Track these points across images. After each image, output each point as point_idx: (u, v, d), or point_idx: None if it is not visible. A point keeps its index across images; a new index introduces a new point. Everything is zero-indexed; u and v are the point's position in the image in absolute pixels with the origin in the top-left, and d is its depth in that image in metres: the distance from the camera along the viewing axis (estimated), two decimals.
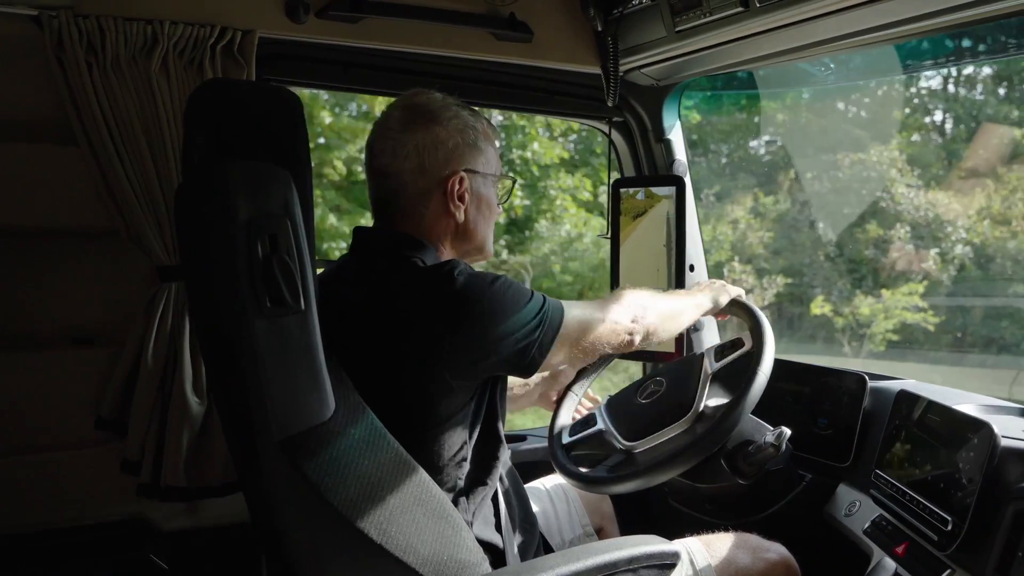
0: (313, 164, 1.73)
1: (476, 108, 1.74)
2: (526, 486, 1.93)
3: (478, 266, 1.64)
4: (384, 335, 1.48)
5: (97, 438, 1.99)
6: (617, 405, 1.99)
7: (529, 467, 2.21)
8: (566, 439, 1.97)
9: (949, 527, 1.53)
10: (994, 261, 7.24)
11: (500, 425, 1.65)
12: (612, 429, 1.89)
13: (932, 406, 1.74)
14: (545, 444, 2.03)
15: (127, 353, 1.96)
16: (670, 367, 2.04)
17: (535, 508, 1.88)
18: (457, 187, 1.62)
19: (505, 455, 1.67)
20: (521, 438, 2.56)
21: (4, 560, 1.89)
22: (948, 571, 1.55)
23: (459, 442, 1.54)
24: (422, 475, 1.45)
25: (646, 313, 1.71)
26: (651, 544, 1.56)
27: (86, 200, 1.92)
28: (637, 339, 1.69)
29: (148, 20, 1.85)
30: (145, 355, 1.93)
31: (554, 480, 2.12)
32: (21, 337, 1.96)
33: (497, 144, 1.73)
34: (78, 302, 2.01)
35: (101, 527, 2.00)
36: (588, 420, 1.95)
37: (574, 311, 1.60)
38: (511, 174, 1.79)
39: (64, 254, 1.99)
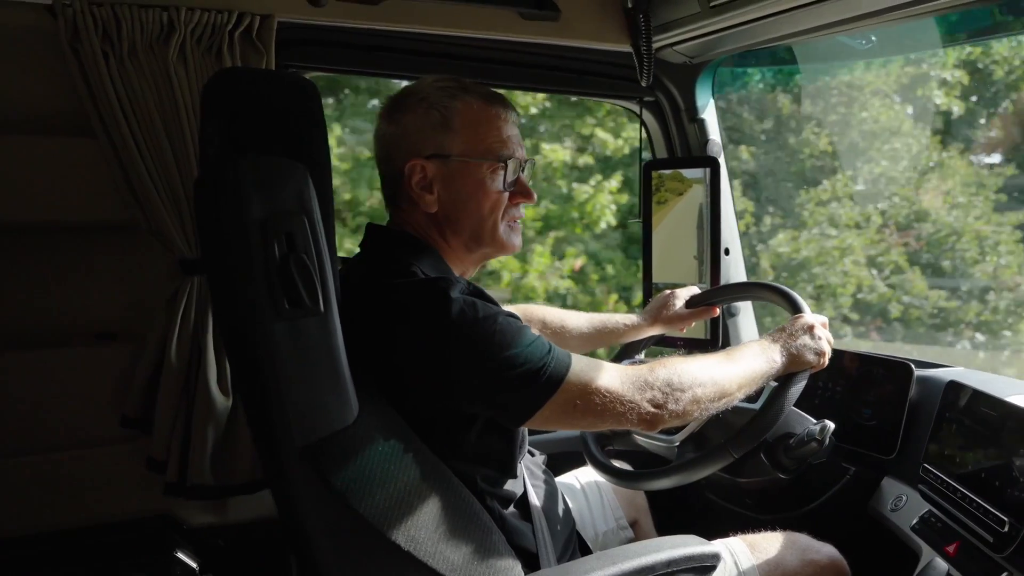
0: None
1: (501, 90, 1.66)
2: (559, 480, 1.88)
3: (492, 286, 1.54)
4: (381, 343, 1.40)
5: (123, 435, 1.97)
6: None
7: (561, 459, 2.16)
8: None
9: (1006, 528, 1.46)
10: None
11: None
12: None
13: (984, 397, 1.65)
14: (577, 433, 1.98)
15: (150, 349, 1.92)
16: None
17: (570, 504, 1.83)
18: (417, 176, 1.54)
19: (532, 458, 1.61)
20: None
21: (31, 559, 1.87)
22: (1005, 574, 1.47)
23: (478, 444, 1.46)
24: (451, 478, 1.41)
25: (679, 398, 1.45)
26: (690, 546, 1.51)
27: (105, 193, 1.88)
28: (657, 425, 1.45)
29: (164, 7, 1.80)
30: (169, 351, 1.90)
31: (588, 473, 2.06)
32: (43, 334, 1.93)
33: (499, 123, 1.57)
34: (100, 297, 1.98)
35: (128, 525, 1.97)
36: None
37: (582, 370, 1.41)
38: (508, 157, 1.57)
39: (85, 249, 1.96)
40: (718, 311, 2.11)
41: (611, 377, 1.42)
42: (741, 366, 1.57)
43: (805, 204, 7.42)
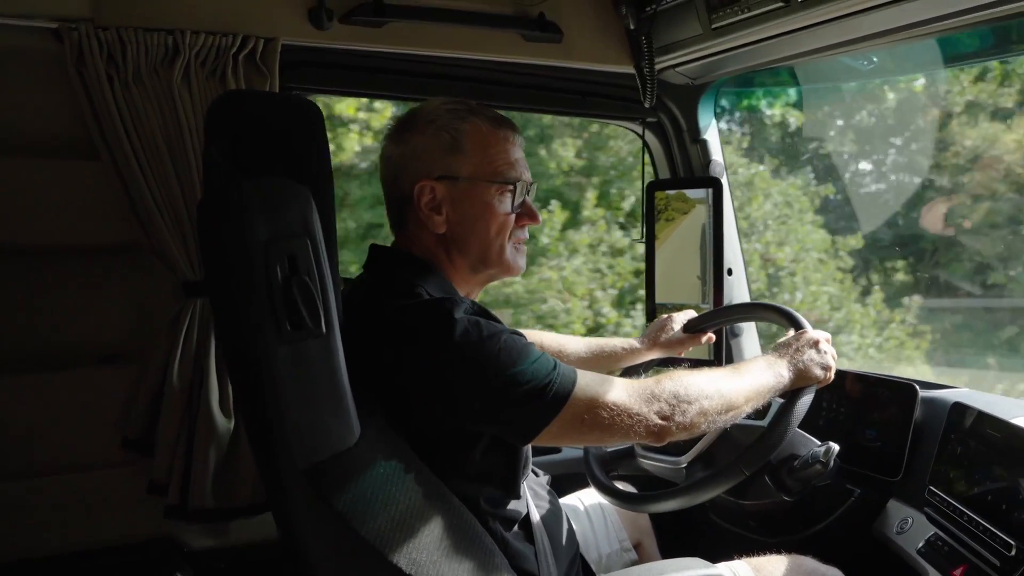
0: None
1: (505, 112, 1.66)
2: (562, 501, 1.87)
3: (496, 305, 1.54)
4: (385, 364, 1.40)
5: (124, 458, 1.96)
6: None
7: (565, 479, 2.14)
8: (603, 452, 1.91)
9: (1013, 552, 1.45)
10: None
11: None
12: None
13: (990, 419, 1.65)
14: (581, 453, 1.97)
15: (152, 371, 1.92)
16: None
17: (573, 526, 1.82)
18: (426, 197, 1.55)
19: (536, 478, 1.60)
20: (556, 449, 2.50)
21: None
22: None
23: (482, 463, 1.46)
24: (453, 500, 1.40)
25: (686, 409, 1.45)
26: (695, 568, 1.50)
27: (109, 215, 1.89)
28: (665, 438, 1.45)
29: (169, 30, 1.81)
30: (171, 373, 1.89)
31: (591, 494, 2.05)
32: (45, 356, 1.93)
33: (507, 146, 1.58)
34: (103, 319, 1.98)
35: (129, 548, 1.96)
36: None
37: (588, 385, 1.41)
38: (516, 179, 1.58)
39: (88, 271, 1.96)
40: (715, 337, 2.11)
41: (618, 391, 1.42)
42: (748, 380, 1.56)
43: (543, 229, 6.25)
